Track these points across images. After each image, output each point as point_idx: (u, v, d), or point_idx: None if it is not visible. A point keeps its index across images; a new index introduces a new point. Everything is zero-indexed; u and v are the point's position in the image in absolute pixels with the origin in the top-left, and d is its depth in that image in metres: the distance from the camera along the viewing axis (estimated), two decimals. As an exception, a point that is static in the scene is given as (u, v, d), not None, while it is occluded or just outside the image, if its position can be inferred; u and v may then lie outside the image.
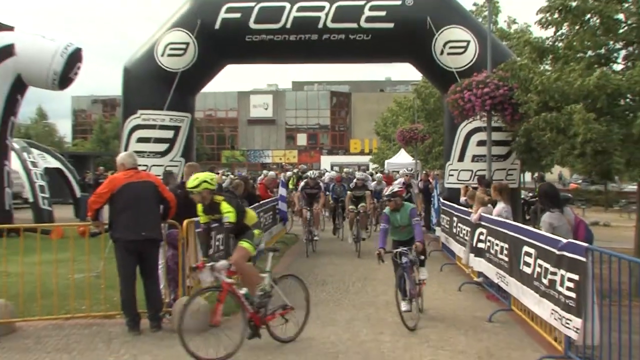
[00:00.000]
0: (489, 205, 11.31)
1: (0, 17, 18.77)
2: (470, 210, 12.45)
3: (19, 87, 18.38)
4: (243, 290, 7.69)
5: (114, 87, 73.56)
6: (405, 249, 9.28)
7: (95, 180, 25.69)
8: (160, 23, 18.89)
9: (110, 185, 8.80)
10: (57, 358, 7.35)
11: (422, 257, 9.96)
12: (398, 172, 25.52)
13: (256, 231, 8.22)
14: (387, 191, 10.13)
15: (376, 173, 27.58)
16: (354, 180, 18.63)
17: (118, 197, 8.64)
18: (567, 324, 6.81)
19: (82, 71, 18.97)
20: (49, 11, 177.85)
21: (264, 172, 25.92)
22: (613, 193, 37.10)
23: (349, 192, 17.85)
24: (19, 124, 34.69)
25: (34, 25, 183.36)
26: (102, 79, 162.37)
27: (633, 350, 6.14)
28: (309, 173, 20.29)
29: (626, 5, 11.85)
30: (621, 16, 11.91)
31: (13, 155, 20.03)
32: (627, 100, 11.65)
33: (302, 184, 18.49)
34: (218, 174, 12.79)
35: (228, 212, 7.64)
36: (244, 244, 7.89)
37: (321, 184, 19.17)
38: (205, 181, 7.73)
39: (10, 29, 18.52)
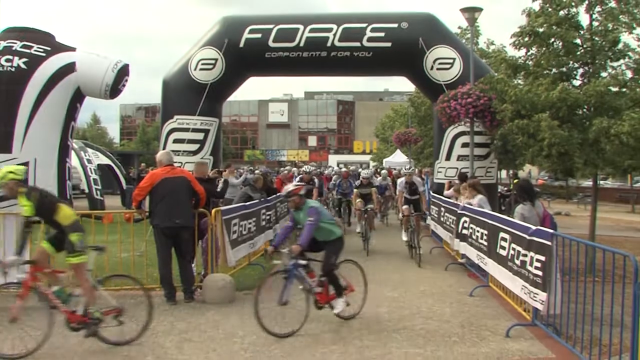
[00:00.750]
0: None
1: (66, 41, 18.90)
2: (455, 202, 12.58)
3: (78, 97, 18.53)
4: (54, 288, 6.61)
5: (154, 96, 74.02)
6: (285, 250, 7.57)
7: (138, 175, 25.78)
8: (192, 43, 18.98)
9: (150, 180, 8.93)
10: (109, 322, 7.48)
11: (337, 285, 7.82)
12: (400, 171, 24.53)
13: (73, 236, 6.63)
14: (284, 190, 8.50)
15: (381, 170, 26.43)
16: (360, 179, 17.25)
17: (157, 189, 8.77)
18: (535, 297, 6.88)
19: (129, 83, 19.11)
20: (103, 34, 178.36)
21: (288, 167, 25.74)
22: (573, 188, 37.35)
23: (355, 190, 16.62)
24: (78, 128, 34.87)
25: (91, 44, 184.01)
26: (145, 89, 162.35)
27: (586, 318, 6.22)
28: (305, 167, 19.06)
29: (582, 32, 12.04)
30: (578, 41, 12.08)
31: (72, 154, 20.21)
32: (584, 110, 11.79)
33: (296, 179, 17.45)
34: (225, 170, 12.84)
35: (24, 205, 6.50)
36: (72, 261, 6.62)
37: (316, 180, 17.99)
38: (11, 172, 6.64)
39: (73, 49, 18.67)
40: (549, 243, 6.66)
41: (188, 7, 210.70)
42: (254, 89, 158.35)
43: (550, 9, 12.22)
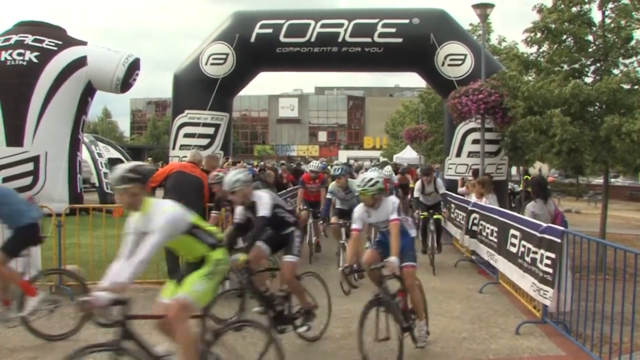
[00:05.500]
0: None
1: (77, 34, 19.05)
2: (467, 198, 12.58)
3: (89, 90, 18.62)
4: None
5: (165, 91, 73.90)
6: None
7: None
8: (202, 38, 19.03)
9: (167, 169, 9.09)
10: (119, 316, 7.50)
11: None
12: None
13: None
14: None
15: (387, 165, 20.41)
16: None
17: (169, 180, 8.86)
18: (545, 294, 6.88)
19: (140, 77, 19.18)
20: (115, 30, 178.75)
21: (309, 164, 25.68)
22: (583, 185, 37.21)
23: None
24: (89, 122, 35.05)
25: (100, 39, 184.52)
26: (155, 84, 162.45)
27: (596, 315, 6.20)
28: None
29: (594, 29, 11.98)
30: (590, 38, 12.02)
31: (83, 147, 20.30)
32: (596, 107, 11.74)
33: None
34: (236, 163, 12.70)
35: None
36: None
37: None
38: None
39: (84, 43, 18.74)
40: (559, 240, 6.65)
41: (197, 2, 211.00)
42: (264, 84, 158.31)
43: (562, 6, 12.16)
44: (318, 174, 12.99)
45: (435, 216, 12.10)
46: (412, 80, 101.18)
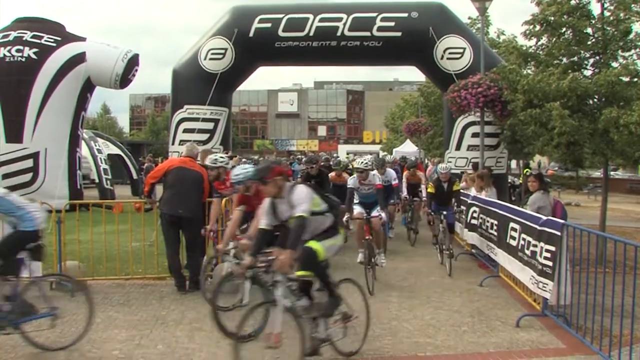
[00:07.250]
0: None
1: (76, 31, 19.02)
2: (467, 192, 12.55)
3: (88, 87, 18.61)
4: None
5: (164, 86, 73.28)
6: None
7: (139, 166, 25.60)
8: (200, 33, 18.99)
9: (166, 164, 9.05)
10: (120, 311, 7.51)
11: None
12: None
13: None
14: None
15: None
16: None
17: (169, 176, 8.80)
18: (544, 287, 6.88)
19: (139, 73, 19.15)
20: (114, 26, 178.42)
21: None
22: (583, 178, 37.26)
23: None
24: (88, 118, 34.98)
25: (98, 35, 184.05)
26: (154, 79, 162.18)
27: (596, 308, 6.20)
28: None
29: (593, 22, 11.94)
30: (590, 30, 11.98)
31: (83, 144, 20.28)
32: (595, 100, 11.72)
33: None
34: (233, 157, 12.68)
35: None
36: None
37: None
38: None
39: (83, 39, 18.72)
40: (559, 233, 6.65)
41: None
42: (264, 78, 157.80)
43: (561, -2, 12.14)
44: (217, 171, 9.06)
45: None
46: (412, 74, 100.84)
